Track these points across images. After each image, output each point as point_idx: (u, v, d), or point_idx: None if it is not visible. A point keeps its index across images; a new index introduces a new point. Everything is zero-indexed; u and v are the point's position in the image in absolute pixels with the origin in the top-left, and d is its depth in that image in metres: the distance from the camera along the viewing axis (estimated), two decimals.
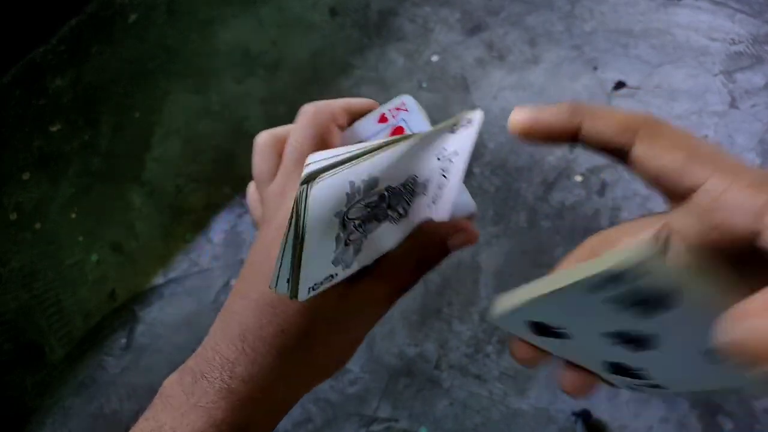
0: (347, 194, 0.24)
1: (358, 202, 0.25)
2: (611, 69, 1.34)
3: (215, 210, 1.33)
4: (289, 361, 0.27)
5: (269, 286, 0.25)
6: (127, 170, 1.41)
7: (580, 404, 1.05)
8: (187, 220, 1.33)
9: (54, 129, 1.50)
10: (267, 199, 0.29)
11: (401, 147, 0.24)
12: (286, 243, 0.25)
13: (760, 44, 1.33)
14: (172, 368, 0.29)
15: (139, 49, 1.58)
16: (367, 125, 0.32)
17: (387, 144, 0.24)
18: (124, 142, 1.45)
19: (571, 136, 0.25)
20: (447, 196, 0.29)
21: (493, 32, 1.43)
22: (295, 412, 1.09)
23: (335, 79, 1.42)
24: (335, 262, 0.26)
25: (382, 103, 0.32)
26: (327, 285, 0.27)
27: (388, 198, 0.26)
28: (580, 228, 1.17)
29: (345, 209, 0.25)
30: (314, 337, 0.28)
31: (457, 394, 1.09)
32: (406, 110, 0.32)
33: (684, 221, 0.22)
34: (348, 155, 0.24)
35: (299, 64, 1.47)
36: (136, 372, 1.20)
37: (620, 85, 1.32)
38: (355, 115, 0.32)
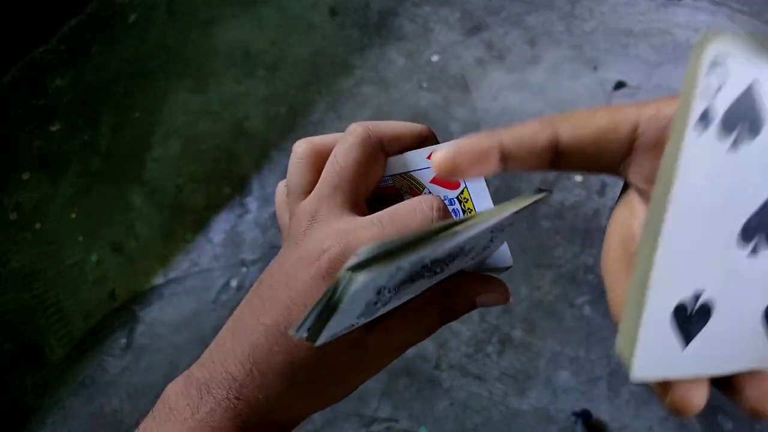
0: (391, 275, 0.23)
1: (400, 278, 0.24)
2: (611, 69, 1.34)
3: (215, 210, 1.33)
4: (295, 393, 0.27)
5: (289, 332, 0.24)
6: (127, 170, 1.41)
7: (580, 404, 1.05)
8: (187, 220, 1.33)
9: (54, 129, 1.50)
10: (296, 215, 0.28)
11: (461, 233, 0.22)
12: (316, 306, 0.24)
13: None
14: (172, 368, 0.29)
15: (139, 49, 1.58)
16: (417, 159, 0.30)
17: (446, 230, 0.22)
18: (124, 142, 1.45)
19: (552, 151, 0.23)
20: (486, 253, 0.28)
21: (493, 32, 1.43)
22: None
23: (335, 79, 1.42)
24: (359, 316, 0.26)
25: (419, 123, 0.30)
26: (345, 332, 0.26)
27: (430, 266, 0.25)
28: (580, 228, 1.17)
29: (384, 284, 0.23)
30: (323, 376, 0.27)
31: (457, 394, 1.09)
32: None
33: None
34: (401, 243, 0.22)
35: (299, 64, 1.47)
36: (136, 372, 1.20)
37: (620, 85, 1.32)
38: (405, 143, 0.30)
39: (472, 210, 0.29)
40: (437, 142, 0.30)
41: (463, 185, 0.29)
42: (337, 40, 1.48)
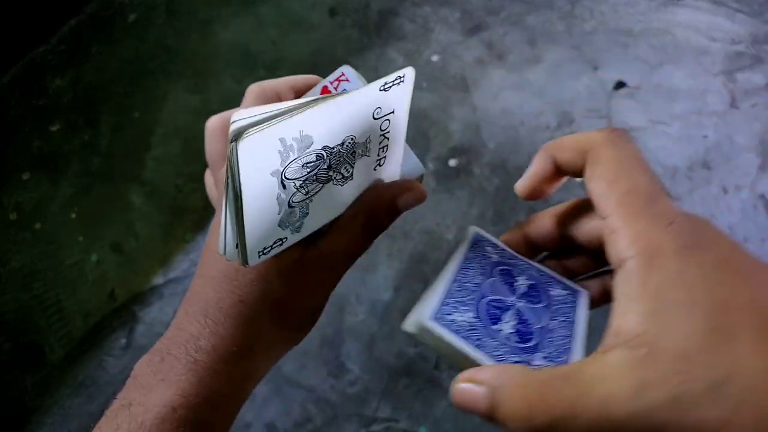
0: (280, 152, 0.24)
1: (294, 161, 0.25)
2: (611, 69, 1.34)
3: (215, 210, 1.33)
4: (251, 329, 0.28)
5: (218, 252, 0.26)
6: (127, 170, 1.41)
7: None
8: (187, 220, 1.33)
9: (54, 129, 1.50)
10: (220, 180, 0.30)
11: (330, 103, 0.24)
12: (226, 206, 0.24)
13: (760, 44, 1.33)
14: None
15: (139, 49, 1.58)
16: (314, 94, 0.32)
17: (315, 101, 0.24)
18: (124, 142, 1.45)
19: (559, 172, 0.27)
20: (392, 157, 0.30)
21: (493, 32, 1.43)
22: (295, 412, 1.09)
23: None
24: (282, 225, 0.26)
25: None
26: (278, 249, 0.27)
27: (327, 159, 0.26)
28: None
29: (281, 168, 0.24)
30: (272, 303, 0.28)
31: None
32: (347, 80, 0.32)
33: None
34: (275, 111, 0.23)
35: (299, 63, 1.47)
36: None
37: (620, 85, 1.32)
38: (300, 92, 0.32)
39: None
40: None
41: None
42: (336, 40, 1.48)
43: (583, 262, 0.30)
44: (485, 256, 0.28)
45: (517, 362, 0.23)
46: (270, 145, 0.23)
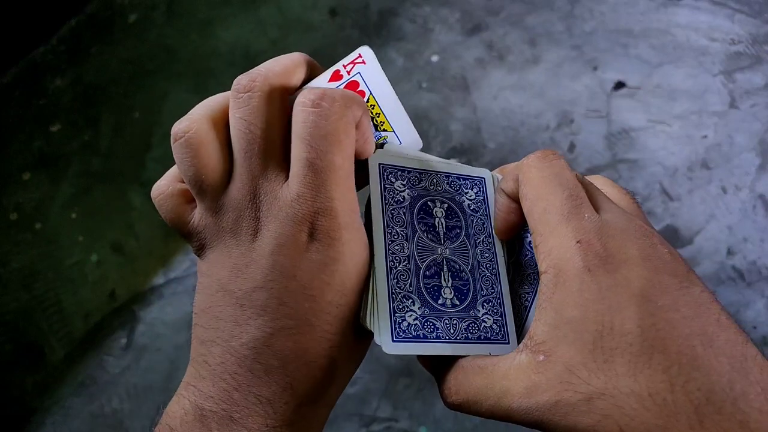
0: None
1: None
2: (611, 69, 1.34)
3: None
4: (333, 372, 0.25)
5: (361, 322, 0.26)
6: (127, 170, 1.41)
7: None
8: None
9: (54, 129, 1.50)
10: (231, 207, 0.25)
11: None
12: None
13: (760, 44, 1.33)
14: (173, 368, 0.28)
15: (139, 49, 1.58)
16: (320, 85, 0.31)
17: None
18: (124, 142, 1.45)
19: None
20: (402, 128, 0.32)
21: (493, 32, 1.43)
22: None
23: None
24: None
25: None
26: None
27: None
28: None
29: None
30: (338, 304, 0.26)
31: None
32: (363, 62, 0.32)
33: None
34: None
35: None
36: (137, 372, 1.20)
37: (620, 85, 1.32)
38: (297, 76, 0.31)
39: (380, 114, 0.31)
40: (317, 63, 0.32)
41: (367, 94, 0.32)
42: (337, 40, 1.48)
43: None
44: (398, 203, 0.29)
45: (466, 329, 0.27)
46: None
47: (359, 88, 0.32)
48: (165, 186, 0.27)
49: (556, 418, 0.22)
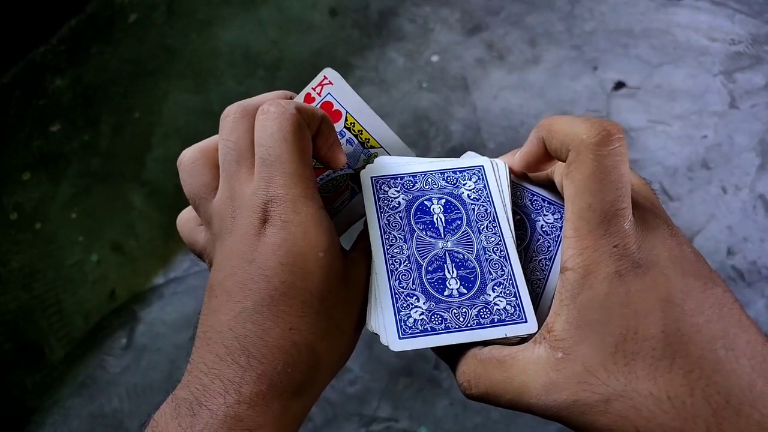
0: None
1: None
2: (611, 69, 1.34)
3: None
4: (303, 360, 0.25)
5: (368, 327, 0.27)
6: (127, 170, 1.41)
7: None
8: None
9: (54, 129, 1.50)
10: (215, 212, 0.28)
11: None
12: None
13: (760, 44, 1.33)
14: (173, 368, 0.28)
15: (139, 49, 1.58)
16: None
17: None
18: (124, 142, 1.45)
19: (549, 156, 0.28)
20: (381, 134, 0.33)
21: (493, 32, 1.43)
22: None
23: None
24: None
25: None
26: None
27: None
28: None
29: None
30: (329, 315, 0.26)
31: (457, 394, 1.09)
32: (330, 83, 0.33)
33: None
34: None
35: (299, 64, 1.47)
36: (137, 372, 1.20)
37: (620, 85, 1.32)
38: None
39: (362, 131, 0.32)
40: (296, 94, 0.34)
41: (343, 113, 0.33)
42: (337, 41, 1.48)
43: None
44: (393, 209, 0.30)
45: (477, 315, 0.27)
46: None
47: (334, 108, 0.33)
48: (184, 213, 0.32)
49: (574, 416, 0.22)
